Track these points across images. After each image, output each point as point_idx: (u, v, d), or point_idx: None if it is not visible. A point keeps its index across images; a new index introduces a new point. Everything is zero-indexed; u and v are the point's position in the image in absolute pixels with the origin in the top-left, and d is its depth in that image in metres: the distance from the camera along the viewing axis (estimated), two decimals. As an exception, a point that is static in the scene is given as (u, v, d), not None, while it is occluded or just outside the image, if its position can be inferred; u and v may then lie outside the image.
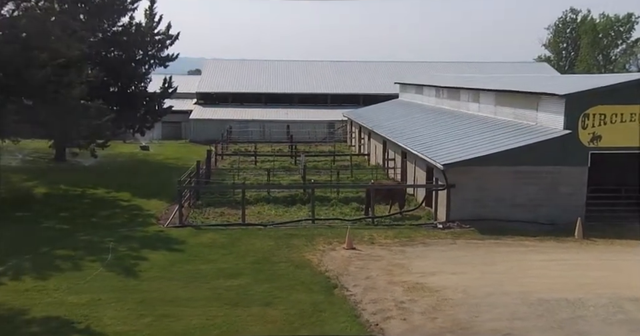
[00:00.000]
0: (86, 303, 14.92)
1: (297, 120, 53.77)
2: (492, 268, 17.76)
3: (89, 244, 20.10)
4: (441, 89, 39.67)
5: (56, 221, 23.24)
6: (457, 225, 22.93)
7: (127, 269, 17.56)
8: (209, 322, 13.92)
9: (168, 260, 18.53)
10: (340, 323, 13.92)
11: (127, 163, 38.48)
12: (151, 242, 20.51)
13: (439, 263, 18.29)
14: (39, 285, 16.07)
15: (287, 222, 23.48)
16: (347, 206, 26.57)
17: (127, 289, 15.98)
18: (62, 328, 13.48)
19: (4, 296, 15.21)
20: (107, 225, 22.75)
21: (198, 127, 54.01)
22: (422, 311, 14.52)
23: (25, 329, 13.42)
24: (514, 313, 14.27)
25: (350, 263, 18.32)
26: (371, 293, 15.77)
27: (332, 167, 36.02)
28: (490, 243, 20.62)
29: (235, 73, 62.10)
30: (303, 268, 17.81)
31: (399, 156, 31.88)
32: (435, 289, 15.92)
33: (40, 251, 19.09)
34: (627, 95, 23.09)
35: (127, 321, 13.90)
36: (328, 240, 20.88)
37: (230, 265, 18.08)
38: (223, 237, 21.20)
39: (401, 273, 17.36)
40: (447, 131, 30.03)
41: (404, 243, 20.57)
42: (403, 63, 66.83)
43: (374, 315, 14.30)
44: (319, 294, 15.72)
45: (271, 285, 16.39)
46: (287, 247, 20.00)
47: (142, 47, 37.37)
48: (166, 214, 24.96)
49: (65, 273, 17.16)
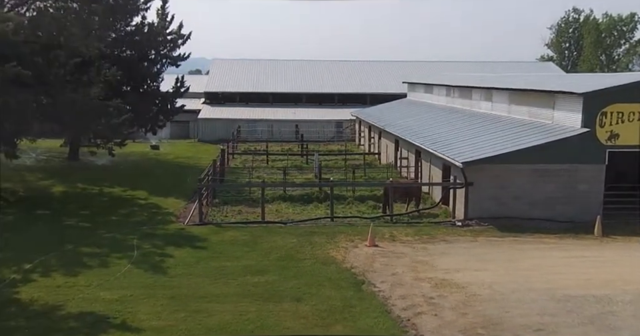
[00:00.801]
0: (118, 298, 15.07)
1: (305, 119, 53.91)
2: (515, 265, 17.90)
3: (113, 241, 20.25)
4: (452, 88, 39.79)
5: (77, 219, 23.39)
6: (475, 222, 23.08)
7: (154, 266, 17.71)
8: (242, 317, 14.07)
9: (193, 257, 18.68)
10: (372, 318, 14.07)
11: (139, 162, 38.61)
12: (173, 239, 20.65)
13: (463, 259, 18.43)
14: (70, 281, 16.22)
15: (306, 220, 23.63)
16: (362, 204, 26.72)
17: (156, 285, 16.13)
18: (98, 323, 13.63)
19: (37, 292, 15.35)
20: (127, 223, 22.89)
21: (206, 127, 54.17)
22: (452, 306, 14.66)
23: (63, 324, 13.57)
24: (543, 309, 14.41)
25: (374, 259, 18.47)
26: (399, 289, 15.92)
27: (345, 166, 36.16)
28: (510, 241, 20.77)
29: (241, 73, 62.22)
30: (328, 265, 17.96)
31: (413, 154, 32.01)
32: (462, 285, 16.07)
33: (65, 248, 19.24)
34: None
35: (161, 316, 14.05)
36: (349, 237, 21.03)
37: (255, 262, 18.23)
38: (245, 235, 21.34)
39: (426, 269, 17.50)
40: (461, 129, 30.17)
41: (425, 241, 20.72)
42: (408, 62, 66.91)
43: (405, 311, 14.44)
44: (348, 290, 15.87)
45: (298, 281, 16.54)
46: (310, 244, 20.15)
47: (154, 46, 37.47)
48: (184, 212, 25.11)
49: (94, 269, 17.31)
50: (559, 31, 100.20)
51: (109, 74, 26.82)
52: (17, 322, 13.63)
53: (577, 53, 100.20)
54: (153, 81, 36.94)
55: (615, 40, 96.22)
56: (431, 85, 45.33)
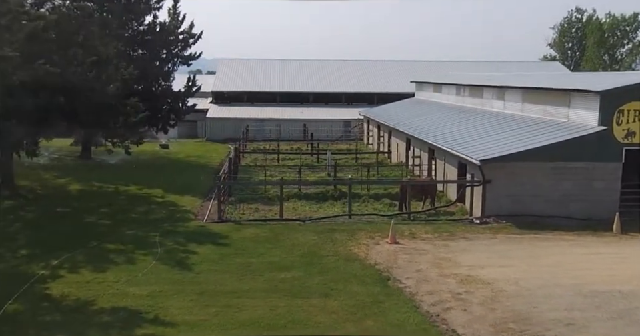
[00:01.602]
0: (148, 294, 15.20)
1: (313, 118, 54.01)
2: (538, 261, 18.02)
3: (136, 238, 20.37)
4: (462, 87, 39.92)
5: (97, 217, 23.51)
6: (493, 220, 23.19)
7: (179, 262, 17.83)
8: (273, 312, 14.19)
9: (217, 254, 18.80)
10: (402, 313, 14.19)
11: (150, 160, 38.71)
12: (195, 236, 20.77)
13: (485, 256, 18.56)
14: (98, 277, 16.35)
15: (324, 217, 23.75)
16: (377, 202, 26.84)
17: (184, 281, 16.25)
18: (132, 317, 13.76)
19: (67, 288, 15.48)
20: (147, 221, 23.02)
21: (215, 126, 54.28)
22: (480, 302, 14.78)
23: (97, 318, 13.69)
24: (571, 304, 14.53)
25: (397, 256, 18.60)
26: (425, 285, 16.05)
27: (357, 165, 36.29)
28: (530, 238, 20.89)
29: (248, 72, 62.34)
30: (352, 261, 18.08)
31: (425, 153, 32.13)
32: (487, 281, 16.19)
33: (89, 245, 19.37)
34: (662, 92, 23.37)
35: (192, 311, 14.17)
36: (369, 234, 21.15)
37: (279, 259, 18.35)
38: (265, 232, 21.46)
39: (450, 266, 17.62)
40: (474, 128, 30.29)
41: (445, 238, 20.85)
42: (414, 62, 67.02)
43: (433, 306, 14.57)
44: (374, 286, 15.99)
45: (324, 277, 16.66)
46: (331, 241, 20.27)
47: (166, 45, 37.62)
48: (201, 210, 25.22)
49: (120, 266, 17.43)
50: (562, 30, 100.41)
51: (126, 73, 26.96)
52: (52, 317, 13.77)
53: (579, 52, 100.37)
54: (165, 80, 37.06)
55: (618, 40, 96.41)
56: (439, 84, 45.46)
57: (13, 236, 20.37)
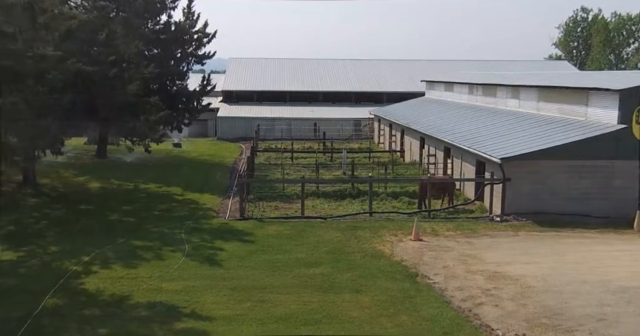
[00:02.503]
0: (182, 289, 15.41)
1: (323, 118, 54.20)
2: (563, 258, 18.20)
3: (162, 235, 20.59)
4: (474, 85, 40.07)
5: (120, 214, 23.75)
6: (513, 217, 23.38)
7: (208, 259, 18.04)
8: (307, 307, 14.39)
9: (244, 250, 19.00)
10: (434, 308, 14.37)
11: (165, 159, 38.89)
12: (219, 233, 20.98)
13: (510, 253, 18.73)
14: (131, 273, 16.57)
15: (345, 215, 23.95)
16: (395, 200, 27.04)
17: (215, 277, 16.46)
18: (169, 312, 13.97)
19: (101, 283, 15.70)
20: (170, 218, 23.22)
21: (225, 125, 54.49)
22: (510, 297, 14.96)
23: (135, 312, 13.91)
24: (601, 300, 14.70)
25: (422, 253, 18.79)
26: (454, 281, 16.23)
27: (372, 163, 36.47)
28: (552, 235, 21.06)
29: (258, 71, 62.55)
30: (378, 258, 18.27)
31: (441, 151, 32.29)
32: (515, 278, 16.37)
33: (117, 241, 19.59)
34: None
35: (228, 306, 14.38)
36: (392, 232, 21.34)
37: (306, 255, 18.55)
38: (288, 229, 21.66)
39: (476, 262, 17.81)
40: (490, 126, 30.46)
41: (468, 235, 21.03)
42: (422, 61, 67.25)
43: (464, 302, 14.75)
44: (403, 282, 16.18)
45: (352, 273, 16.85)
46: (355, 238, 20.47)
47: (181, 45, 37.81)
48: (222, 207, 25.46)
49: (150, 262, 17.65)
50: (567, 30, 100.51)
51: (147, 72, 27.17)
52: (91, 311, 13.98)
53: (585, 52, 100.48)
54: (180, 80, 37.27)
55: (624, 39, 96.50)
56: (451, 83, 45.61)
57: (42, 233, 20.62)
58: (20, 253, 18.28)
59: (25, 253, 18.32)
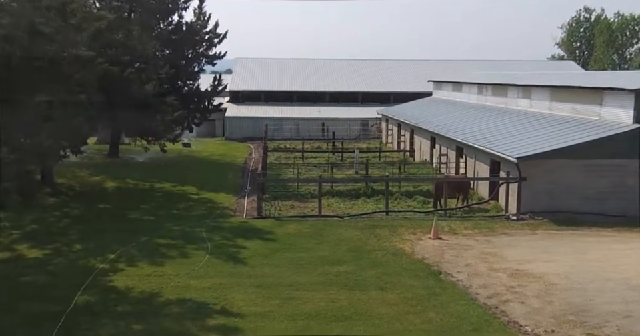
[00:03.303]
0: (209, 286, 15.57)
1: (331, 117, 54.38)
2: (584, 256, 18.36)
3: (183, 234, 20.76)
4: (484, 85, 40.24)
5: (140, 213, 23.93)
6: (529, 216, 23.53)
7: (231, 257, 18.21)
8: (335, 304, 14.55)
9: (266, 248, 19.17)
10: (460, 305, 14.52)
11: (176, 159, 39.04)
12: (240, 232, 21.15)
13: (530, 251, 18.89)
14: (158, 270, 16.74)
15: (362, 214, 24.12)
16: (410, 199, 27.22)
17: (241, 274, 16.63)
18: (200, 309, 14.13)
19: (130, 281, 15.88)
20: (189, 217, 23.40)
21: (233, 125, 54.67)
22: (535, 295, 15.13)
23: (167, 309, 14.08)
24: (625, 297, 14.85)
25: (443, 251, 18.95)
26: (477, 278, 16.39)
27: (383, 163, 36.66)
28: (569, 234, 21.23)
29: (265, 72, 62.73)
30: (399, 256, 18.44)
31: (453, 151, 32.45)
32: (538, 275, 16.53)
33: (140, 239, 19.75)
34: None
35: (257, 303, 14.54)
36: (410, 230, 21.51)
37: (328, 253, 18.71)
38: (307, 228, 21.83)
39: (497, 260, 17.97)
40: (502, 126, 30.62)
41: (486, 234, 21.20)
42: (428, 61, 67.45)
43: (490, 299, 14.91)
44: (427, 279, 16.34)
45: (376, 271, 17.01)
46: (374, 236, 20.63)
47: (192, 45, 37.99)
48: (238, 206, 25.63)
49: (176, 260, 17.82)
50: (570, 30, 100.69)
51: (162, 72, 27.35)
52: (123, 307, 14.15)
53: (587, 52, 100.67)
54: (192, 80, 37.45)
55: (627, 39, 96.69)
56: (459, 83, 45.78)
57: (65, 231, 20.79)
58: (46, 250, 18.47)
59: (51, 250, 18.51)
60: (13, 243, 19.15)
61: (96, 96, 19.97)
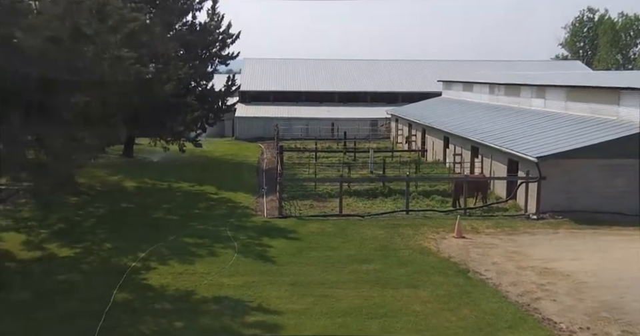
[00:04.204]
0: (242, 284, 15.74)
1: (341, 118, 54.56)
2: (608, 254, 18.52)
3: (208, 233, 20.92)
4: (496, 85, 40.40)
5: (163, 212, 24.09)
6: (549, 215, 23.69)
7: (259, 255, 18.37)
8: (369, 302, 14.71)
9: (292, 247, 19.34)
10: (493, 303, 14.69)
11: (190, 158, 39.04)
12: (264, 231, 21.31)
13: (555, 250, 19.05)
14: (189, 269, 16.91)
15: (382, 213, 24.28)
16: (427, 199, 27.36)
17: (272, 273, 16.80)
18: (237, 306, 14.30)
19: (163, 279, 16.05)
20: (211, 216, 23.55)
21: (243, 125, 54.87)
22: (565, 292, 15.29)
23: (204, 307, 14.25)
24: (655, 294, 15.03)
25: (468, 250, 19.12)
26: (506, 276, 16.56)
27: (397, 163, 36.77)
28: (591, 233, 21.38)
29: (273, 72, 62.91)
30: (426, 254, 18.60)
31: (468, 151, 32.60)
32: (566, 274, 16.69)
33: (168, 238, 19.91)
34: None
35: (292, 300, 14.71)
36: (433, 229, 21.67)
37: (354, 252, 18.88)
38: (330, 227, 21.98)
39: (523, 259, 18.13)
40: (518, 126, 30.76)
41: (508, 233, 21.36)
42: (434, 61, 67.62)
43: (521, 296, 15.08)
44: (456, 277, 16.51)
45: (405, 269, 17.18)
46: (398, 235, 20.80)
47: (206, 45, 38.14)
48: (257, 205, 25.79)
49: (205, 258, 17.99)
50: (574, 30, 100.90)
51: (182, 72, 27.52)
52: (161, 305, 14.33)
53: (591, 52, 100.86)
54: (206, 80, 37.61)
55: (631, 39, 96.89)
56: (470, 83, 45.93)
57: (92, 230, 20.96)
58: (76, 249, 18.65)
59: (81, 249, 18.69)
60: (43, 242, 19.34)
61: (135, 97, 20.15)
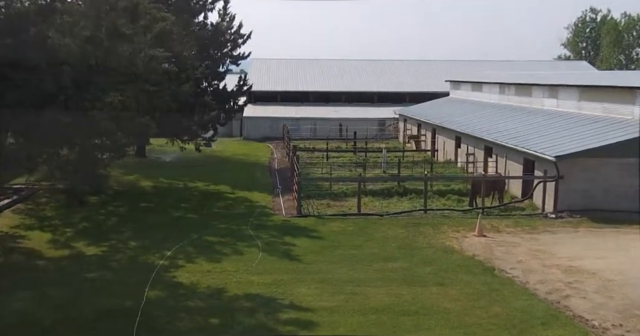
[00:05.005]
0: (272, 282, 15.81)
1: (348, 118, 54.67)
2: (632, 253, 18.59)
3: (230, 231, 20.99)
4: (506, 85, 40.49)
5: (183, 211, 24.16)
6: (566, 214, 23.78)
7: (284, 254, 18.44)
8: (400, 299, 14.78)
9: (316, 246, 19.41)
10: (523, 300, 14.76)
11: (201, 158, 39.08)
12: (285, 230, 21.38)
13: (578, 248, 19.13)
14: (217, 267, 16.97)
15: (401, 212, 24.36)
16: (443, 198, 27.43)
17: (299, 271, 16.87)
18: (270, 303, 14.36)
19: (193, 277, 16.11)
20: (230, 215, 23.63)
21: (251, 125, 54.96)
22: (594, 290, 15.37)
23: (237, 304, 14.32)
24: (684, 292, 15.11)
25: (492, 248, 19.19)
26: (532, 275, 16.63)
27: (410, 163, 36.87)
28: (611, 231, 21.46)
29: (280, 72, 63.05)
30: (450, 253, 18.68)
31: (480, 150, 32.69)
32: (592, 272, 16.78)
33: (191, 237, 19.99)
34: None
35: (322, 298, 14.77)
36: (453, 228, 21.74)
37: (378, 250, 18.95)
38: (350, 226, 22.07)
39: (548, 257, 18.21)
40: (532, 125, 30.80)
41: (529, 231, 21.43)
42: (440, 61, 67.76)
43: (550, 294, 15.15)
44: (483, 276, 16.58)
45: (431, 267, 17.25)
46: (420, 234, 20.88)
47: (218, 46, 38.20)
48: (275, 205, 25.85)
49: (231, 256, 18.06)
50: (576, 30, 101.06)
51: (198, 72, 27.60)
52: (194, 302, 14.40)
53: (594, 52, 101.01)
54: (218, 80, 37.69)
55: (634, 40, 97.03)
56: (479, 83, 46.01)
57: (116, 229, 21.04)
58: (102, 247, 18.72)
59: (107, 247, 18.77)
60: (69, 241, 19.41)
61: (165, 96, 20.23)
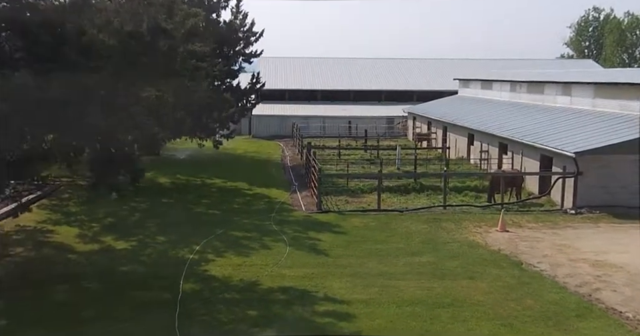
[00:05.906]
0: (303, 275, 15.94)
1: (357, 116, 54.83)
2: (655, 247, 18.76)
3: (255, 227, 21.12)
4: (518, 83, 40.61)
5: (204, 207, 24.31)
6: (586, 210, 23.92)
7: (312, 248, 18.57)
8: (432, 292, 14.92)
9: (341, 240, 19.55)
10: (554, 293, 14.90)
11: (214, 156, 39.08)
12: (308, 225, 21.52)
13: (601, 243, 19.27)
14: (246, 261, 17.11)
15: (420, 208, 24.49)
16: (460, 194, 27.56)
17: (328, 265, 17.01)
18: (305, 296, 14.50)
19: (225, 270, 16.25)
20: (252, 211, 23.76)
21: (260, 123, 55.12)
22: (624, 284, 15.51)
23: (272, 296, 14.46)
24: None
25: (516, 243, 19.33)
26: (560, 268, 16.77)
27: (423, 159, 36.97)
28: (632, 227, 21.52)
29: (288, 70, 63.22)
30: (475, 247, 18.81)
31: (495, 147, 32.82)
32: (619, 266, 16.91)
33: (216, 232, 20.11)
34: None
35: (356, 291, 14.91)
36: (474, 223, 21.87)
37: (403, 245, 19.09)
38: (372, 221, 22.20)
39: (573, 251, 18.35)
40: (545, 122, 30.90)
41: (551, 227, 21.57)
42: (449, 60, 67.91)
43: (580, 287, 15.29)
44: (511, 269, 16.72)
45: (458, 261, 17.38)
46: (442, 229, 21.01)
47: (230, 44, 38.28)
48: (294, 201, 25.98)
49: (259, 251, 18.19)
50: (579, 29, 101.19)
51: (216, 69, 27.72)
52: (230, 295, 14.53)
53: (596, 51, 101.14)
54: (231, 78, 37.79)
55: (637, 38, 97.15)
56: (489, 81, 46.13)
57: (141, 224, 21.19)
58: (131, 242, 18.85)
59: (136, 242, 18.90)
60: (97, 235, 19.55)
61: (200, 91, 20.31)
